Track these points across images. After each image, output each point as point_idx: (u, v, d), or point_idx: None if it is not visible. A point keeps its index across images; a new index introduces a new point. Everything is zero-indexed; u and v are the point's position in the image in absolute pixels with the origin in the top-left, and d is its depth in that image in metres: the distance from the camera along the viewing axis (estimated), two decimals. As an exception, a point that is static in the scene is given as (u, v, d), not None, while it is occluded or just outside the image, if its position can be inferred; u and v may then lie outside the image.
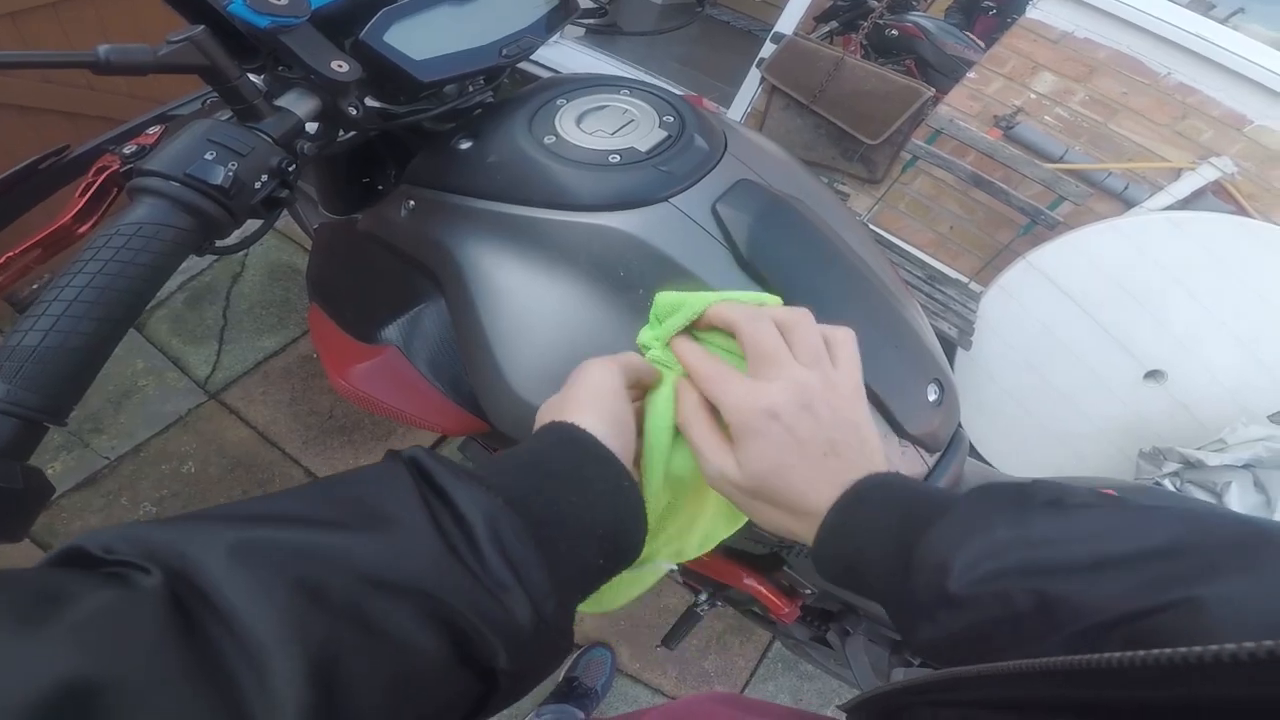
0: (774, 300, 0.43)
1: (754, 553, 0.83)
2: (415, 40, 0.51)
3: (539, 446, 0.35)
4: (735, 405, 0.38)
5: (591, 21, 0.75)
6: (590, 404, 0.37)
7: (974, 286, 2.01)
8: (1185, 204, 1.72)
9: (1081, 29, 1.74)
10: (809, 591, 0.83)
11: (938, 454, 0.62)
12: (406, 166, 0.63)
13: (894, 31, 2.62)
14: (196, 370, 1.60)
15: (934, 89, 1.95)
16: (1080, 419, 1.78)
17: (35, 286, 1.53)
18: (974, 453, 1.17)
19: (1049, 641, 0.27)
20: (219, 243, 0.43)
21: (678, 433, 0.41)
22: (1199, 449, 1.46)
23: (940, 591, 0.31)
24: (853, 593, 0.38)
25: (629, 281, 0.52)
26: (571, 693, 1.38)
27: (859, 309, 0.57)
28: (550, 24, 0.63)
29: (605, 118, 0.59)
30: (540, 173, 0.55)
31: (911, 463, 0.60)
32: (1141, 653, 0.20)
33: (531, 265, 0.54)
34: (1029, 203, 1.82)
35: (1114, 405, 1.72)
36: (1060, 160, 1.84)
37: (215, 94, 0.52)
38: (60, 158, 0.51)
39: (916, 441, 0.59)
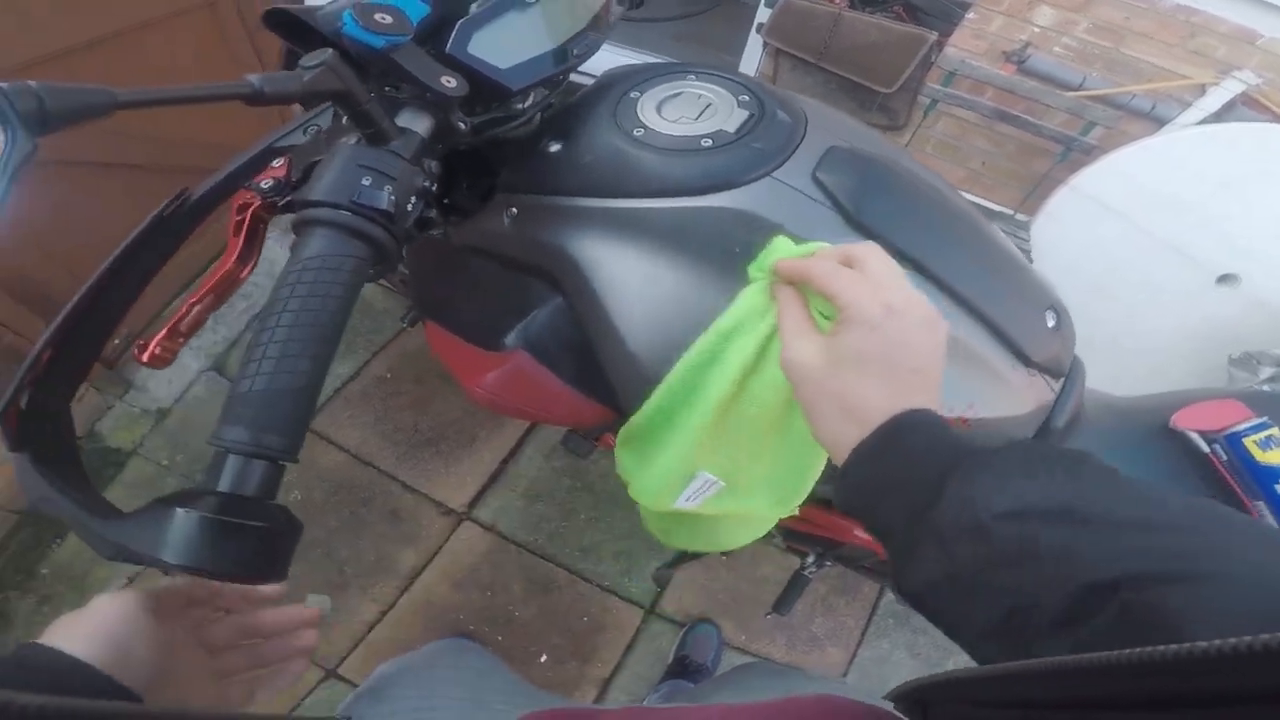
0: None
1: None
2: (496, 49, 0.52)
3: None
4: (855, 293, 0.40)
5: (631, 12, 0.76)
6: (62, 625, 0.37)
7: (1020, 217, 2.02)
8: (1218, 117, 1.69)
9: (1067, -39, 1.70)
10: None
11: (1061, 380, 0.64)
12: (481, 177, 0.64)
13: (878, -21, 2.61)
14: (285, 403, 1.67)
15: (936, 33, 1.94)
16: (1154, 333, 1.75)
17: (117, 342, 1.62)
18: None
19: (1055, 592, 0.28)
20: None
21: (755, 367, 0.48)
22: (1286, 351, 1.41)
23: (969, 521, 0.31)
24: (855, 515, 0.40)
25: (745, 255, 0.53)
26: (684, 670, 1.41)
27: (970, 248, 0.59)
28: (604, 21, 0.63)
29: (683, 104, 0.60)
30: (639, 165, 0.56)
31: (1039, 390, 0.62)
32: (1172, 648, 0.20)
33: (648, 253, 0.56)
34: (1059, 131, 1.82)
35: (1187, 315, 1.69)
36: (1080, 88, 1.82)
37: (312, 122, 0.55)
38: (182, 204, 0.50)
39: (1041, 369, 0.61)
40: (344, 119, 0.50)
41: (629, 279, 0.56)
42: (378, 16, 0.43)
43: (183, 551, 0.32)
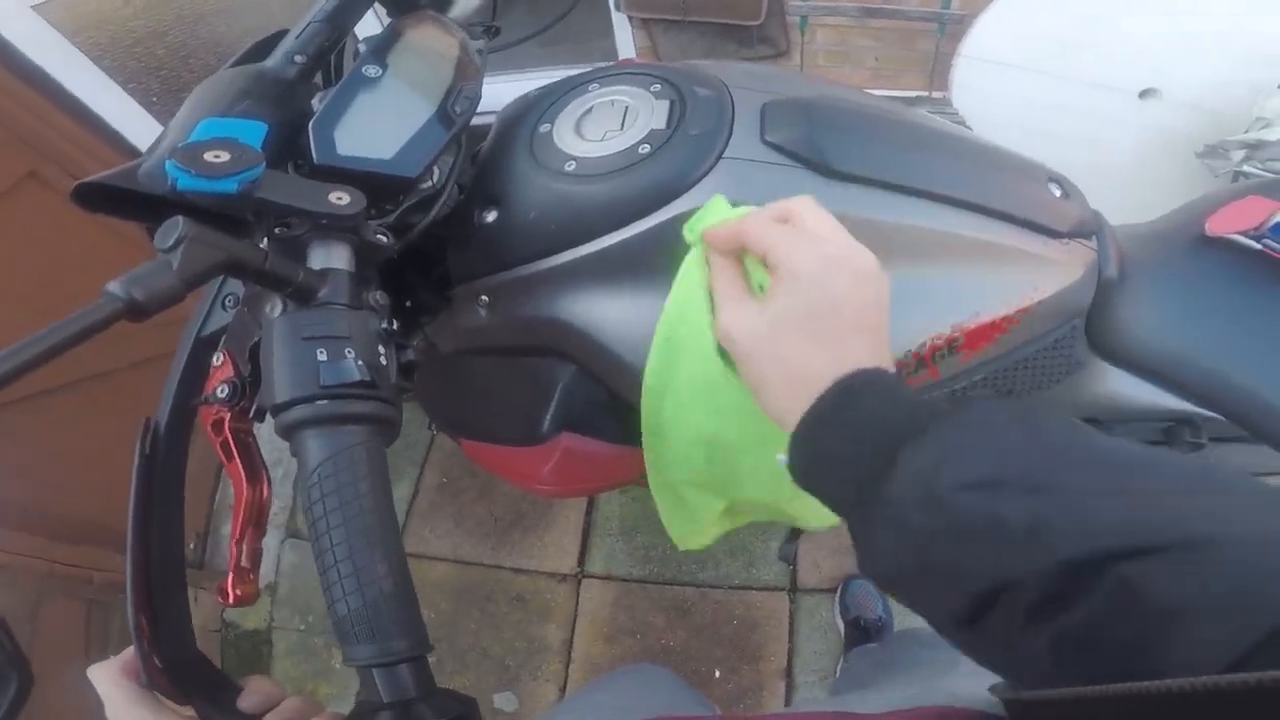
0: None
1: None
2: (368, 140, 0.46)
3: None
4: (787, 248, 0.37)
5: (492, 42, 0.71)
6: None
7: (935, 95, 1.99)
8: None
9: None
10: None
11: (1094, 236, 0.62)
12: (428, 268, 0.60)
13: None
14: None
15: None
16: (1108, 169, 1.71)
17: (192, 546, 1.66)
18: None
19: (1031, 572, 0.25)
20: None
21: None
22: (1245, 133, 1.40)
23: (925, 494, 0.28)
24: (809, 490, 0.36)
25: None
26: (863, 632, 1.37)
27: (948, 152, 0.57)
28: (472, 68, 0.57)
29: (601, 118, 0.55)
30: (589, 201, 0.51)
31: (1080, 253, 0.60)
32: (1198, 680, 0.18)
33: (640, 285, 0.51)
34: (925, 10, 1.83)
35: (1128, 139, 1.67)
36: None
37: (225, 292, 0.49)
38: (154, 435, 0.46)
39: (1072, 235, 0.59)
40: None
41: (632, 317, 0.52)
42: (208, 156, 0.36)
43: None
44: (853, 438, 0.33)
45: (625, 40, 2.18)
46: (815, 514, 0.53)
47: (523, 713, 1.50)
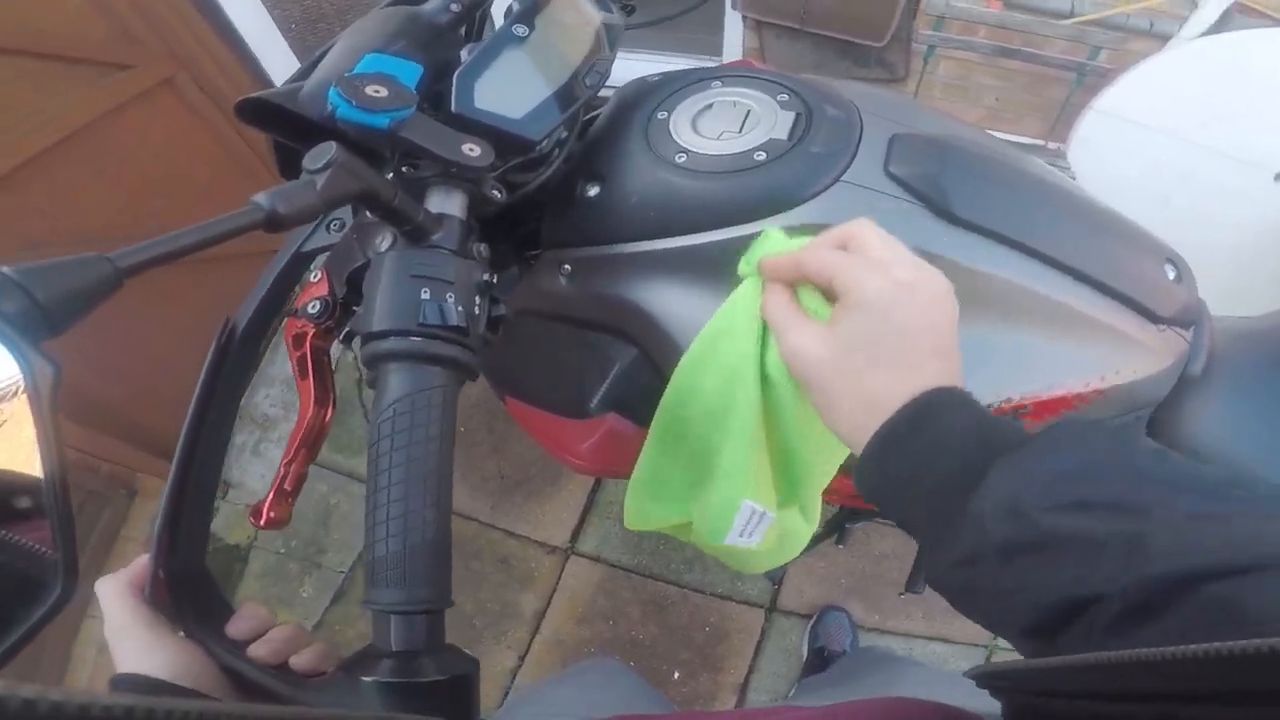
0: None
1: None
2: (504, 98, 0.47)
3: None
4: (856, 274, 0.36)
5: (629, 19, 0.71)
6: (133, 652, 0.37)
7: (1051, 146, 1.95)
8: (1218, 28, 1.63)
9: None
10: None
11: (1191, 327, 0.60)
12: (519, 229, 0.60)
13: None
14: (373, 476, 1.73)
15: None
16: (1220, 247, 1.65)
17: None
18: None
19: (1120, 585, 0.26)
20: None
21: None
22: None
23: (1015, 510, 0.29)
24: (877, 503, 0.36)
25: None
26: (824, 662, 1.38)
27: (1072, 216, 0.55)
28: (611, 39, 0.58)
29: (721, 116, 0.55)
30: (691, 196, 0.51)
31: (1172, 343, 0.58)
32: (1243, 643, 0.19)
33: (727, 287, 0.49)
34: (1067, 59, 1.78)
35: (1251, 220, 1.62)
36: (1071, 14, 1.76)
37: (333, 216, 0.50)
38: (231, 335, 0.46)
39: (1171, 322, 0.57)
40: (365, 211, 0.45)
41: (707, 318, 0.50)
42: (370, 90, 0.38)
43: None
44: (931, 453, 0.33)
45: (734, 39, 2.14)
46: (741, 563, 0.57)
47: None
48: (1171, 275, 0.58)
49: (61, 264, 0.26)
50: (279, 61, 1.80)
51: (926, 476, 0.33)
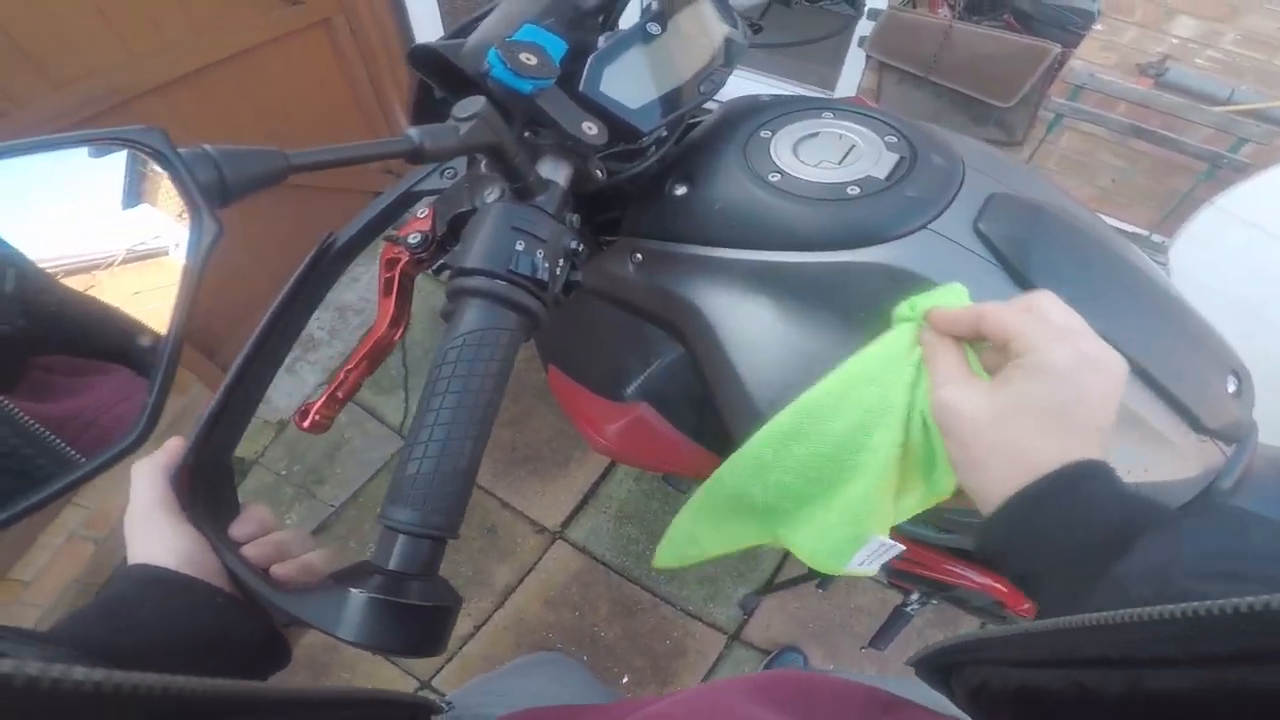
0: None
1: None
2: (625, 87, 0.50)
3: (120, 592, 0.36)
4: (1041, 338, 0.37)
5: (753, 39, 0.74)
6: (149, 536, 0.38)
7: (1156, 238, 1.88)
8: None
9: (1208, -30, 1.57)
10: None
11: (1234, 444, 0.59)
12: (604, 212, 0.63)
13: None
14: (391, 418, 1.76)
15: (1059, 45, 1.85)
16: None
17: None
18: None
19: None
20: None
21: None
22: None
23: (1163, 577, 0.29)
24: (1002, 558, 0.37)
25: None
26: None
27: (1148, 308, 0.54)
28: (732, 54, 0.60)
29: (823, 146, 0.57)
30: (776, 214, 0.53)
31: (1209, 455, 0.57)
32: (1172, 607, 0.21)
33: (784, 309, 0.53)
34: (1204, 148, 1.69)
35: None
36: (1228, 102, 1.68)
37: (448, 165, 0.53)
38: (329, 249, 0.49)
39: (1214, 435, 0.56)
40: (481, 164, 0.49)
41: (762, 337, 0.54)
42: (523, 57, 0.41)
43: (357, 631, 0.33)
44: (1082, 516, 0.34)
45: (853, 75, 2.15)
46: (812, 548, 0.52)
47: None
48: (1232, 388, 0.57)
49: (248, 151, 0.31)
50: (426, 21, 1.95)
51: (1065, 543, 0.34)
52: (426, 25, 1.98)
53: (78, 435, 0.35)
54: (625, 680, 1.49)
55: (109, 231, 0.36)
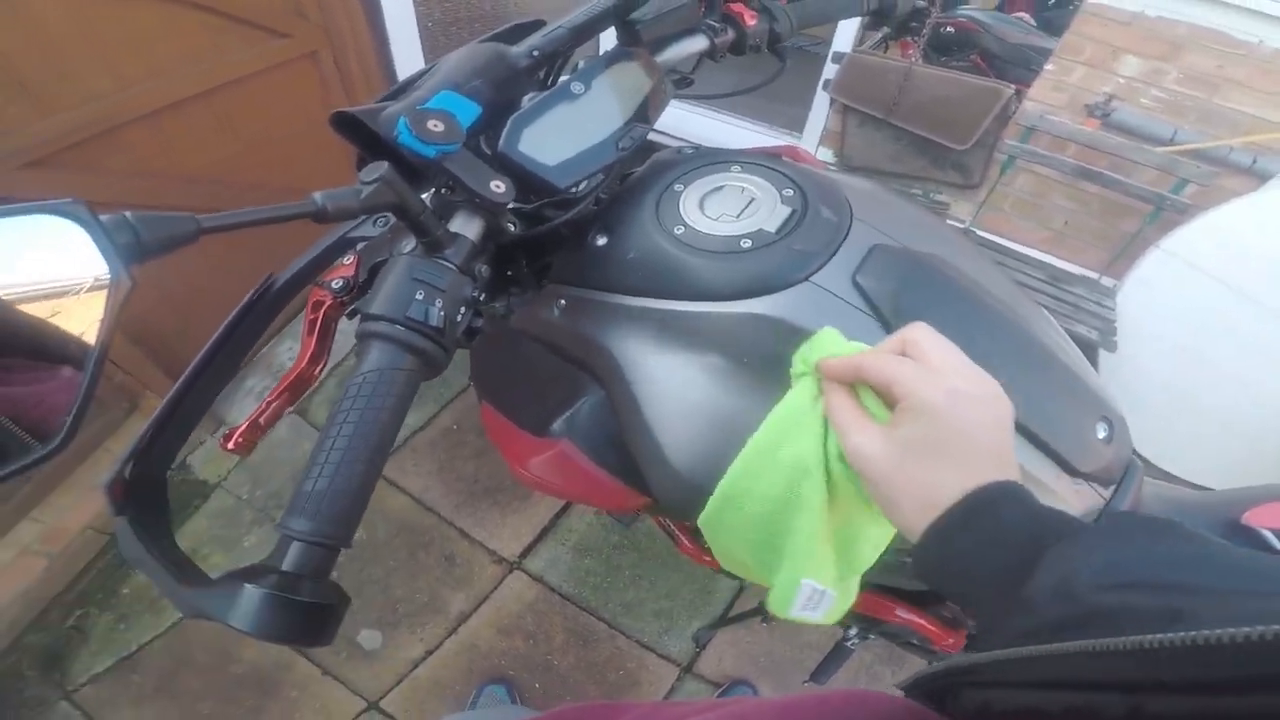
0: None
1: (909, 589, 0.84)
2: (544, 146, 0.53)
3: None
4: (914, 383, 0.40)
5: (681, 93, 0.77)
6: None
7: (1106, 282, 1.89)
8: None
9: (1152, 7, 1.64)
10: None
11: (1113, 486, 0.62)
12: (542, 258, 0.67)
13: (949, 29, 2.52)
14: (353, 446, 1.78)
15: (1014, 85, 1.88)
16: (1251, 414, 1.60)
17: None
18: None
19: None
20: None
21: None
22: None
23: (1065, 592, 0.31)
24: (934, 587, 0.40)
25: (780, 361, 0.53)
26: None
27: (1019, 359, 0.58)
28: (652, 110, 0.64)
29: (726, 199, 0.61)
30: (678, 266, 0.57)
31: (1085, 499, 0.61)
32: (1171, 635, 0.21)
33: (684, 357, 0.57)
34: (1148, 189, 1.71)
35: None
36: (1171, 142, 1.72)
37: (382, 216, 0.57)
38: (268, 289, 0.54)
39: (1089, 479, 0.60)
40: None
41: (665, 380, 0.57)
42: (430, 124, 0.46)
43: (249, 621, 0.36)
44: (986, 545, 0.36)
45: (818, 117, 2.17)
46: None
47: (380, 655, 1.51)
48: (1102, 434, 0.60)
49: (163, 217, 0.36)
50: (407, 57, 1.99)
51: (981, 567, 0.36)
52: (408, 60, 2.04)
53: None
54: (577, 710, 1.50)
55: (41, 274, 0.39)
